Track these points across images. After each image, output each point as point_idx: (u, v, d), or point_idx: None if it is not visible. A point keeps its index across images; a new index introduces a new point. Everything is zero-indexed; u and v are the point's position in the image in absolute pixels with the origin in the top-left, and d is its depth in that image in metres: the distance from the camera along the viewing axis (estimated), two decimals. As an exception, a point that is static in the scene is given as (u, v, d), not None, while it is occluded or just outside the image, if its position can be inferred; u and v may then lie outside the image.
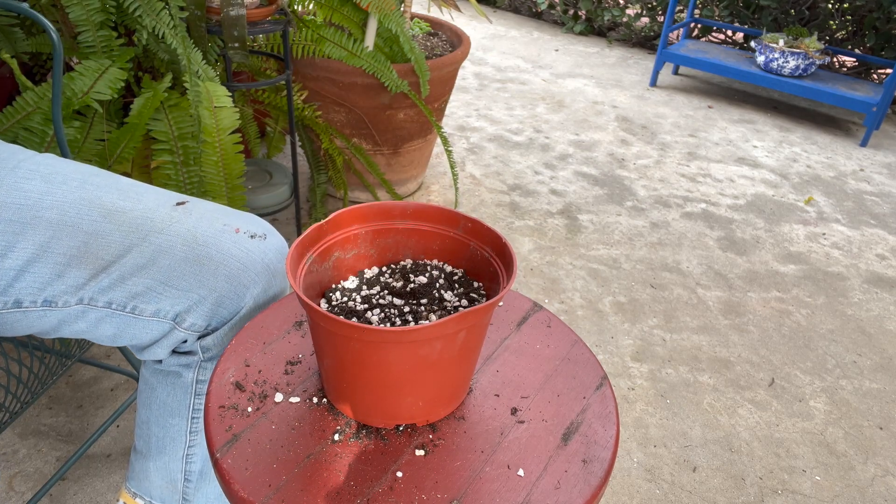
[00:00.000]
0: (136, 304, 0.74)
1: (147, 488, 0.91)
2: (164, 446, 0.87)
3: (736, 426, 1.41)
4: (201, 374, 0.82)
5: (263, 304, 0.79)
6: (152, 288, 0.74)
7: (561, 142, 2.66)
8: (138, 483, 0.92)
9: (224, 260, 0.75)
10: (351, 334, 0.51)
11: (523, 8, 4.34)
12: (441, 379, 0.56)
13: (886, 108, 2.73)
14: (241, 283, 0.76)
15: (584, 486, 0.53)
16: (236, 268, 0.75)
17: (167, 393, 0.84)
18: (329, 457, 0.55)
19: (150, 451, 0.89)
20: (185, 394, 0.83)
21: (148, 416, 0.87)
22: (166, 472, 0.89)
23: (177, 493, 0.91)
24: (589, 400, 0.62)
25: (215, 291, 0.75)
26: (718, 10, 3.63)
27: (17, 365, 0.87)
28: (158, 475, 0.89)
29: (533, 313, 0.73)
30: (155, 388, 0.85)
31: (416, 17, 2.29)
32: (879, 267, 2.02)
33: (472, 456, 0.56)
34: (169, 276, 0.74)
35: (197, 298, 0.74)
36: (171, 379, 0.83)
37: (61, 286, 0.71)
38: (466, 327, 0.52)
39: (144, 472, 0.90)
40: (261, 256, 0.78)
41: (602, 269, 1.89)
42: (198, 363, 0.81)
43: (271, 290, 0.80)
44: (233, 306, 0.76)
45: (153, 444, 0.88)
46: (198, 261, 0.74)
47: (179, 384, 0.83)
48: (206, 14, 1.48)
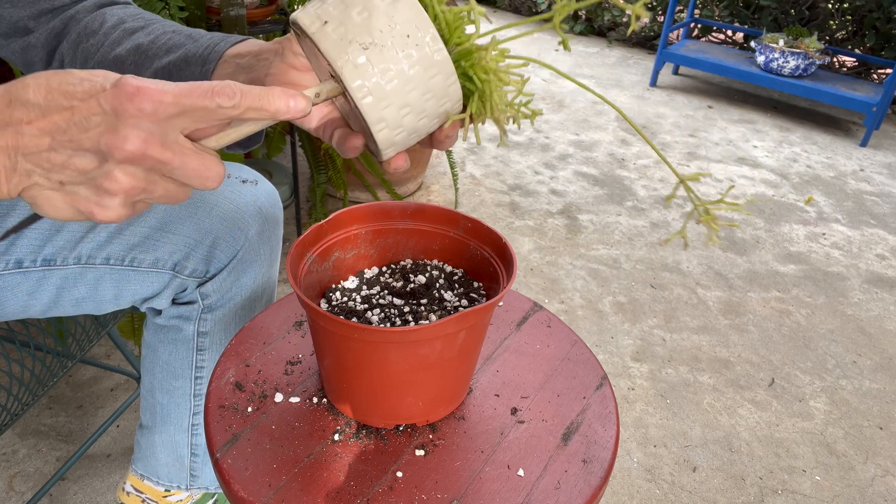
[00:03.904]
0: (135, 256, 0.74)
1: (154, 467, 0.91)
2: (168, 413, 0.87)
3: (736, 426, 1.41)
4: (202, 326, 0.82)
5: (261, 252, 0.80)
6: (149, 236, 0.74)
7: (561, 142, 2.67)
8: (145, 463, 0.92)
9: (217, 202, 0.77)
10: (351, 334, 0.51)
11: (523, 8, 4.34)
12: (441, 379, 0.56)
13: (886, 108, 2.73)
14: (236, 224, 0.77)
15: (584, 486, 0.53)
16: (230, 209, 0.77)
17: (169, 352, 0.84)
18: (329, 457, 0.55)
19: (155, 422, 0.89)
20: (187, 350, 0.84)
21: (152, 383, 0.87)
22: (172, 446, 0.89)
23: (184, 471, 0.91)
24: (589, 400, 0.62)
25: (211, 234, 0.76)
26: (718, 10, 3.63)
27: (17, 366, 0.87)
28: (164, 450, 0.89)
29: (533, 313, 0.73)
30: (157, 350, 0.85)
31: (416, 16, 2.29)
32: (879, 267, 2.02)
33: (472, 456, 0.56)
34: (164, 221, 0.75)
35: (193, 242, 0.76)
36: (172, 335, 0.83)
37: (59, 241, 0.71)
38: (466, 327, 0.52)
39: (151, 448, 0.90)
40: (253, 199, 0.79)
41: (602, 269, 1.89)
42: (198, 313, 0.81)
43: (266, 235, 0.81)
44: (229, 249, 0.77)
45: (158, 413, 0.88)
46: (191, 204, 0.76)
47: (181, 339, 0.83)
48: (206, 14, 1.48)
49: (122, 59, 0.61)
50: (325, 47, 0.41)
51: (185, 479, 0.91)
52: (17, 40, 0.65)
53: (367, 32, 0.41)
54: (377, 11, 0.41)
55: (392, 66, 0.41)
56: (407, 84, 0.42)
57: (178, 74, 0.59)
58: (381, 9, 0.41)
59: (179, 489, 0.92)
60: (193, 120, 0.39)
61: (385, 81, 0.41)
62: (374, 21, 0.41)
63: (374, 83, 0.41)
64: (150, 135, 0.38)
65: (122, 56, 0.61)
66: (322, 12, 0.42)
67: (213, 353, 0.84)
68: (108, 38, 0.63)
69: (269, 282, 0.85)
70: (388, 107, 0.42)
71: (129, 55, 0.61)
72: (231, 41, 0.58)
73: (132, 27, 0.63)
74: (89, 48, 0.63)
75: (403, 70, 0.41)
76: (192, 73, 0.58)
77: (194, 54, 0.58)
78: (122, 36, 0.62)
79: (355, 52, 0.41)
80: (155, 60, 0.60)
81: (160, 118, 0.38)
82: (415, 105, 0.43)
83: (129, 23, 0.64)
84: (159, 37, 0.61)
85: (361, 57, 0.41)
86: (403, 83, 0.42)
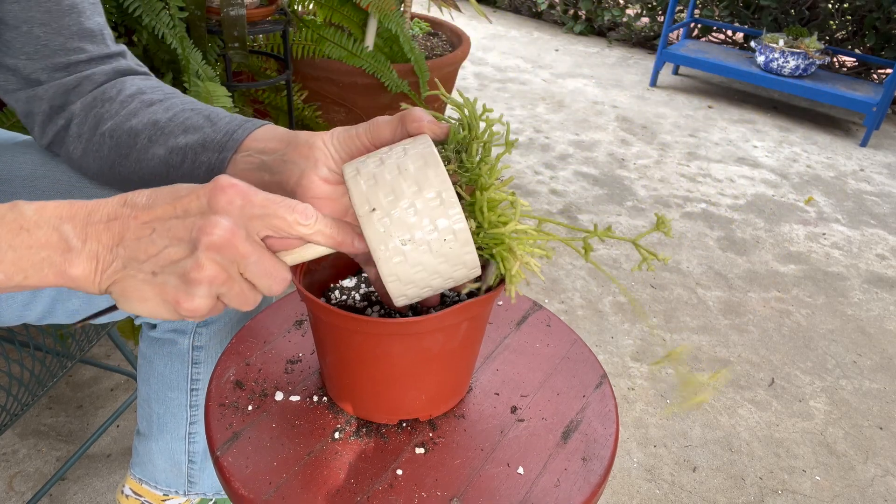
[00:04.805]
0: None
1: (151, 472, 0.91)
2: (165, 423, 0.87)
3: (736, 426, 1.41)
4: (197, 340, 0.82)
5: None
6: None
7: (561, 142, 2.67)
8: (143, 468, 0.92)
9: None
10: (355, 328, 0.51)
11: (523, 8, 4.35)
12: (444, 372, 0.56)
13: (886, 108, 2.73)
14: None
15: (583, 484, 0.53)
16: None
17: (164, 364, 0.84)
18: (329, 455, 0.55)
19: (151, 430, 0.89)
20: (182, 364, 0.84)
21: (148, 393, 0.87)
22: (169, 453, 0.89)
23: (182, 477, 0.91)
24: (588, 398, 0.62)
25: None
26: (718, 10, 3.64)
27: (17, 366, 0.87)
28: (162, 457, 0.89)
29: (532, 313, 0.73)
30: (153, 362, 0.85)
31: (416, 17, 2.30)
32: (879, 267, 2.02)
33: (472, 454, 0.56)
34: None
35: None
36: (168, 348, 0.83)
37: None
38: (468, 318, 0.53)
39: (148, 454, 0.90)
40: None
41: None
42: (193, 327, 0.81)
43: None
44: None
45: (154, 422, 0.88)
46: None
47: (176, 353, 0.83)
48: (206, 14, 1.48)
49: (136, 132, 0.61)
50: (367, 234, 0.45)
51: (183, 484, 0.92)
52: (25, 91, 0.65)
53: (407, 230, 0.45)
54: (422, 210, 0.45)
55: (423, 262, 0.45)
56: (432, 273, 0.46)
57: (193, 158, 0.59)
58: (426, 209, 0.45)
59: (178, 494, 0.92)
60: (269, 227, 0.43)
61: (414, 272, 0.46)
62: (418, 221, 0.45)
63: (403, 272, 0.46)
64: (236, 227, 0.42)
65: (137, 128, 0.62)
66: (372, 197, 0.45)
67: (208, 366, 0.84)
68: (124, 108, 0.63)
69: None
70: (412, 288, 0.47)
71: (144, 129, 0.61)
72: (249, 128, 0.58)
73: (150, 99, 0.64)
74: (103, 113, 0.64)
75: (433, 265, 0.46)
76: (208, 158, 0.58)
77: (212, 140, 0.58)
78: (139, 107, 0.63)
79: (395, 248, 0.45)
80: (171, 138, 0.60)
81: (246, 215, 0.42)
82: (435, 286, 0.48)
83: (148, 94, 0.64)
84: (177, 114, 0.61)
85: (398, 254, 0.45)
86: (429, 273, 0.46)
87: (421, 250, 0.45)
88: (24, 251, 0.41)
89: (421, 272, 0.46)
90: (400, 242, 0.45)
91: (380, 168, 0.46)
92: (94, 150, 0.64)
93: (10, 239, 0.41)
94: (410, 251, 0.45)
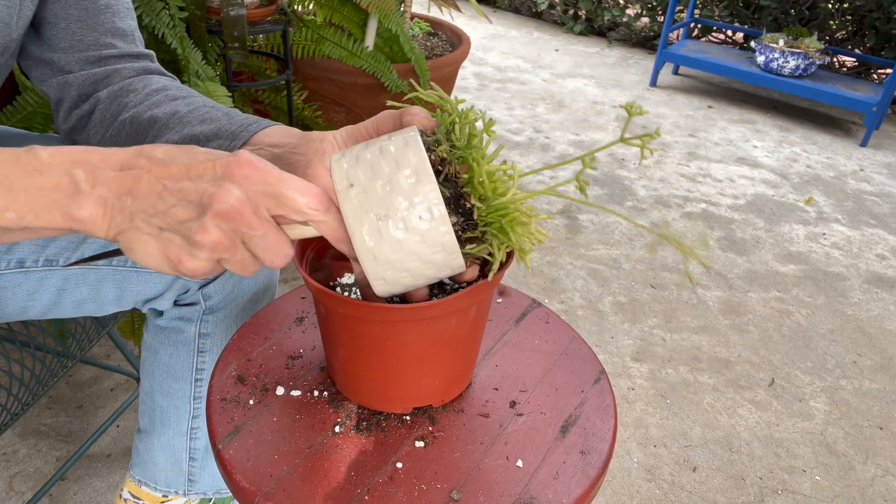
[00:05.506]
0: None
1: (152, 472, 0.91)
2: (167, 417, 0.87)
3: (736, 426, 1.42)
4: (203, 328, 0.83)
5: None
6: None
7: (561, 142, 2.67)
8: (142, 468, 0.92)
9: None
10: (371, 316, 0.51)
11: (523, 8, 4.35)
12: (455, 356, 0.57)
13: (886, 108, 2.73)
14: None
15: (582, 477, 0.54)
16: None
17: (170, 354, 0.84)
18: (330, 448, 0.55)
19: (153, 426, 0.89)
20: (187, 353, 0.84)
21: (151, 385, 0.87)
22: (171, 449, 0.89)
23: (182, 475, 0.91)
24: (587, 393, 0.62)
25: None
26: (718, 10, 3.64)
27: (17, 366, 0.88)
28: (163, 454, 0.89)
29: (531, 310, 0.73)
30: (157, 352, 0.85)
31: (416, 17, 2.30)
32: (879, 267, 2.02)
33: (472, 447, 0.56)
34: None
35: None
36: (174, 337, 0.84)
37: (62, 242, 0.72)
38: (477, 301, 0.54)
39: (149, 452, 0.90)
40: None
41: (602, 269, 1.90)
42: (199, 315, 0.81)
43: None
44: None
45: (157, 416, 0.88)
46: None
47: (182, 342, 0.83)
48: (206, 14, 1.48)
49: (156, 120, 0.64)
50: (344, 210, 0.45)
51: (183, 483, 0.91)
52: (57, 78, 0.69)
53: (383, 206, 0.45)
54: (398, 187, 0.44)
55: (400, 240, 0.45)
56: (409, 254, 0.46)
57: (204, 144, 0.60)
58: (403, 186, 0.44)
59: (177, 494, 0.92)
60: (279, 205, 0.44)
61: (390, 251, 0.45)
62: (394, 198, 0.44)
63: (380, 251, 0.45)
64: (247, 199, 0.42)
65: (157, 117, 0.64)
66: (352, 173, 0.46)
67: (213, 354, 0.85)
68: (148, 99, 0.66)
69: (271, 283, 0.86)
70: (389, 270, 0.46)
71: (164, 117, 0.63)
72: (264, 124, 0.60)
73: (174, 95, 0.67)
74: (127, 103, 0.67)
75: (410, 244, 0.45)
76: (219, 146, 0.60)
77: (226, 130, 0.61)
78: (162, 100, 0.66)
79: (370, 223, 0.45)
80: (187, 127, 0.62)
81: (259, 191, 0.43)
82: (413, 269, 0.47)
83: (172, 91, 0.68)
84: (198, 108, 0.64)
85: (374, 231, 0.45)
86: (406, 253, 0.46)
87: (398, 227, 0.45)
88: (35, 192, 0.42)
89: (398, 251, 0.45)
90: (375, 217, 0.45)
91: (363, 150, 0.47)
92: (112, 135, 0.67)
93: (24, 180, 0.42)
94: (386, 228, 0.45)
